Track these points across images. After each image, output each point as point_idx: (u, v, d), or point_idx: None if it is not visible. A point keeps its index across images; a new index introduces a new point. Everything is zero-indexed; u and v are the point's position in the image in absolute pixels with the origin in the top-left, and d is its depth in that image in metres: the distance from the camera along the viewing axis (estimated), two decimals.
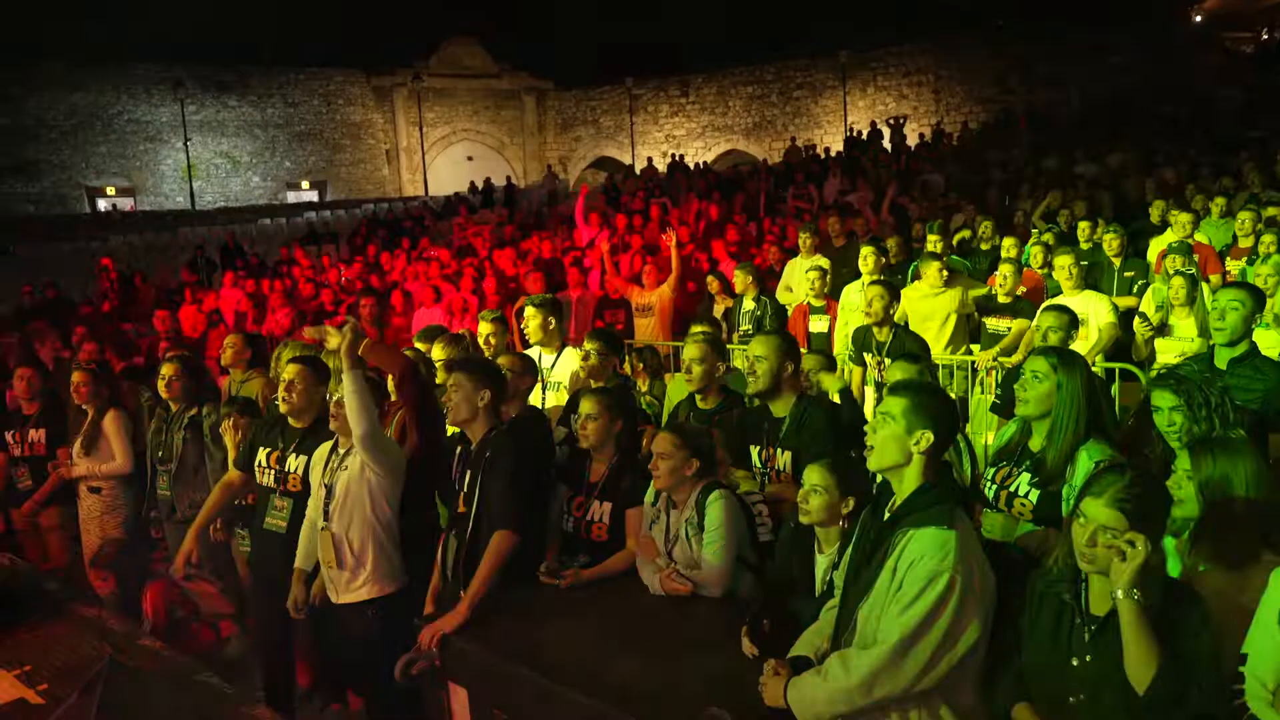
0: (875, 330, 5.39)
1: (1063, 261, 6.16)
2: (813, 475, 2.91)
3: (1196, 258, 7.01)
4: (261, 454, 4.18)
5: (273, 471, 4.11)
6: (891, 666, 2.20)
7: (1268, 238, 6.79)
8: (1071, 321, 4.28)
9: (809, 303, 7.15)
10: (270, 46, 32.14)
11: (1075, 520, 2.21)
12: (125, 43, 30.40)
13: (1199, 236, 7.76)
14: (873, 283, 5.58)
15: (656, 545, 3.38)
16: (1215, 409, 2.96)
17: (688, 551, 3.28)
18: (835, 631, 2.49)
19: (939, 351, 6.18)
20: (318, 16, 35.95)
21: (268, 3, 36.15)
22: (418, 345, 4.92)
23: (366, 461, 3.63)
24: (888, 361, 5.34)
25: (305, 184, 31.90)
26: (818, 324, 7.10)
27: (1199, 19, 28.46)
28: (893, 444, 2.36)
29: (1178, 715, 2.04)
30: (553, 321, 4.98)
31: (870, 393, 5.47)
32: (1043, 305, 6.24)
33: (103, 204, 29.40)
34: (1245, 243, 7.28)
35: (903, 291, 6.41)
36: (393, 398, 4.29)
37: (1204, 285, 6.04)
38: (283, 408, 4.06)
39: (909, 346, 5.30)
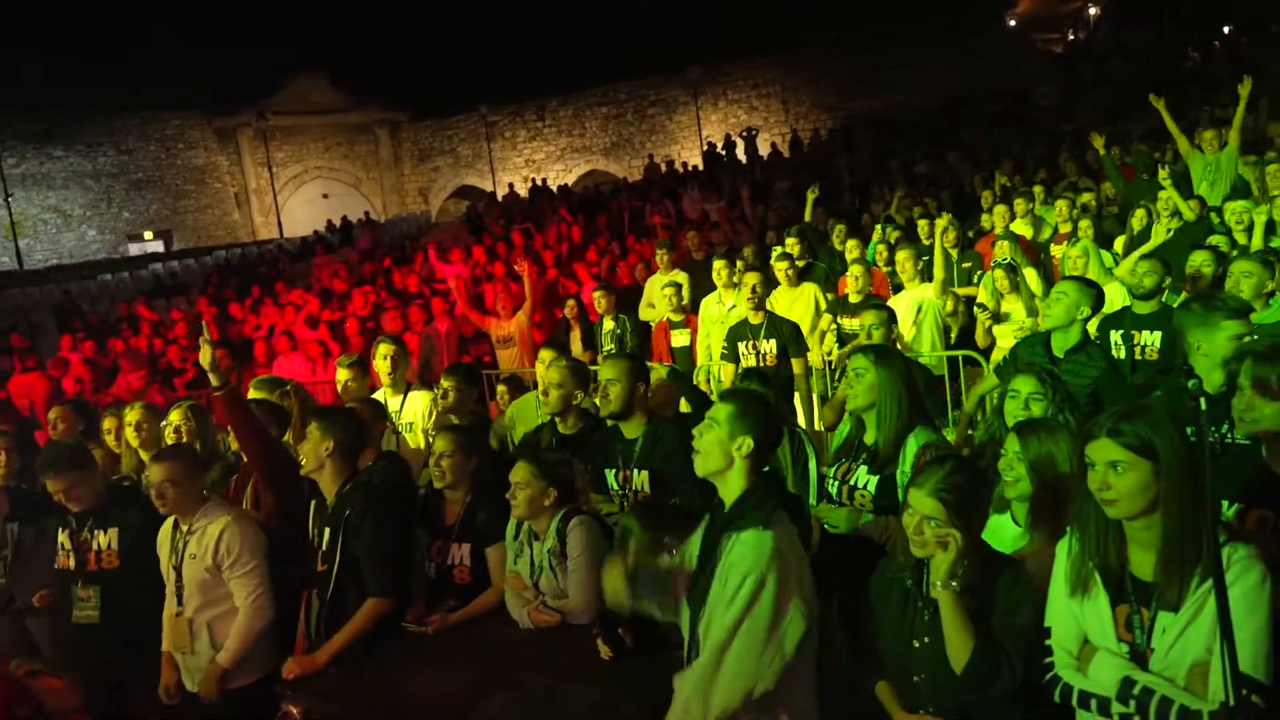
0: (751, 316, 5.58)
1: (903, 256, 6.50)
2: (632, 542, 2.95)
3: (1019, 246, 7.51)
4: (62, 535, 3.85)
5: (73, 553, 3.78)
6: (713, 672, 2.23)
7: (1084, 222, 7.35)
8: (890, 317, 4.55)
9: (669, 318, 7.27)
10: (98, 91, 30.23)
11: (904, 510, 2.34)
12: None
13: (1017, 227, 8.30)
14: (748, 268, 5.78)
15: (523, 579, 3.34)
16: (1065, 401, 3.17)
17: (553, 581, 3.25)
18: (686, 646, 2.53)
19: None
20: (148, 58, 34.16)
21: (92, 47, 34.14)
22: (253, 394, 4.71)
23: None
24: (765, 345, 5.59)
25: (148, 234, 30.15)
26: (679, 338, 7.24)
27: (1013, 23, 30.66)
28: (717, 448, 2.42)
29: (992, 692, 2.17)
30: (402, 361, 4.87)
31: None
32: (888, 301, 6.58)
33: None
34: (1065, 228, 7.84)
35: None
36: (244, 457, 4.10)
37: (1027, 271, 6.49)
38: (73, 507, 3.79)
39: (781, 327, 5.57)
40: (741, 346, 5.72)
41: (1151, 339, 4.64)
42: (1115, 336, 4.75)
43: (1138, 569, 2.03)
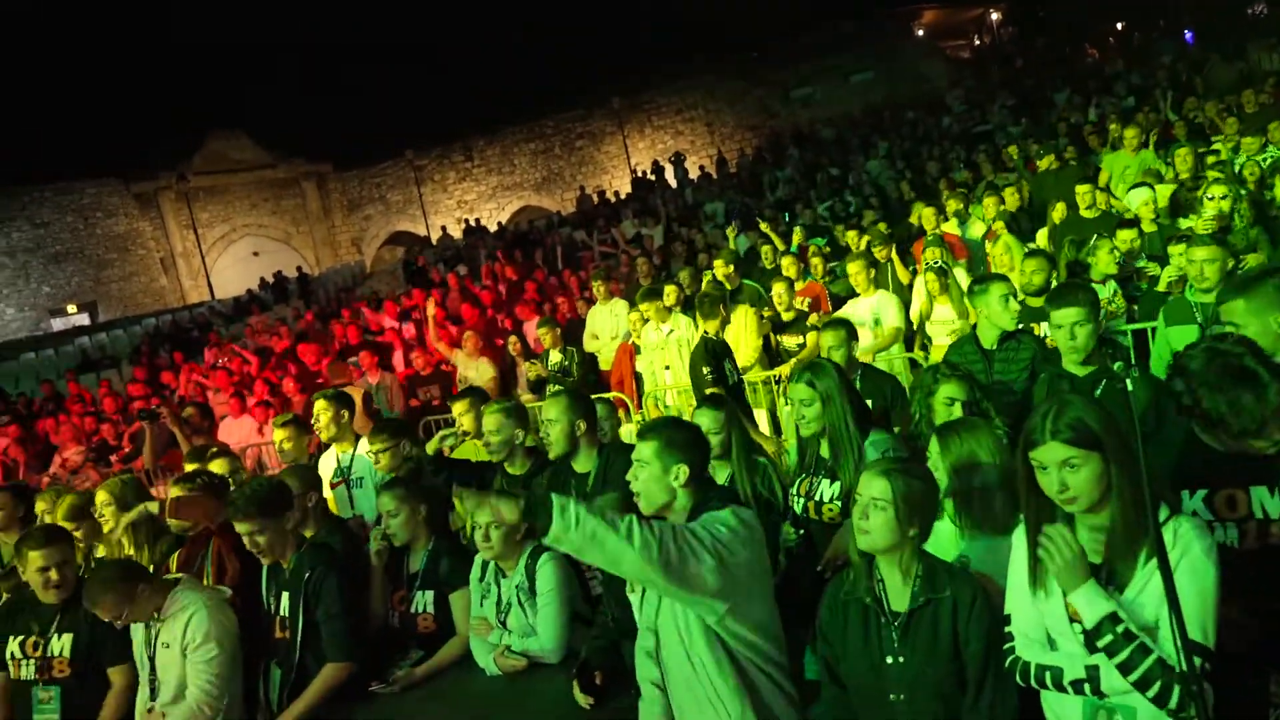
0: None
1: (855, 267, 6.63)
2: None
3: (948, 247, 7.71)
4: (13, 644, 3.65)
5: (33, 661, 3.60)
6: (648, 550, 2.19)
7: (998, 224, 7.61)
8: (850, 334, 4.57)
9: (635, 342, 7.27)
10: (5, 165, 29.28)
11: (855, 506, 2.32)
12: None
13: (947, 228, 8.53)
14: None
15: (489, 623, 3.29)
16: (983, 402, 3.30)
17: (522, 618, 3.22)
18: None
19: (741, 364, 6.48)
20: (58, 127, 33.33)
21: None
22: (188, 466, 4.58)
23: None
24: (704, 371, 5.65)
25: (72, 308, 29.21)
26: (642, 363, 7.24)
27: (920, 33, 31.65)
28: (655, 485, 2.46)
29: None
30: (345, 415, 4.75)
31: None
32: (832, 314, 6.70)
33: None
34: (996, 227, 8.08)
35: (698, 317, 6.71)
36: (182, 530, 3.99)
37: (958, 270, 6.66)
38: (50, 596, 3.59)
39: (715, 348, 5.66)
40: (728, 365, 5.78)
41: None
42: (1039, 325, 4.92)
43: (1086, 553, 2.06)
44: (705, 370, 5.61)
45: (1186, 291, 4.29)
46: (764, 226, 9.85)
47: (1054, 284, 5.01)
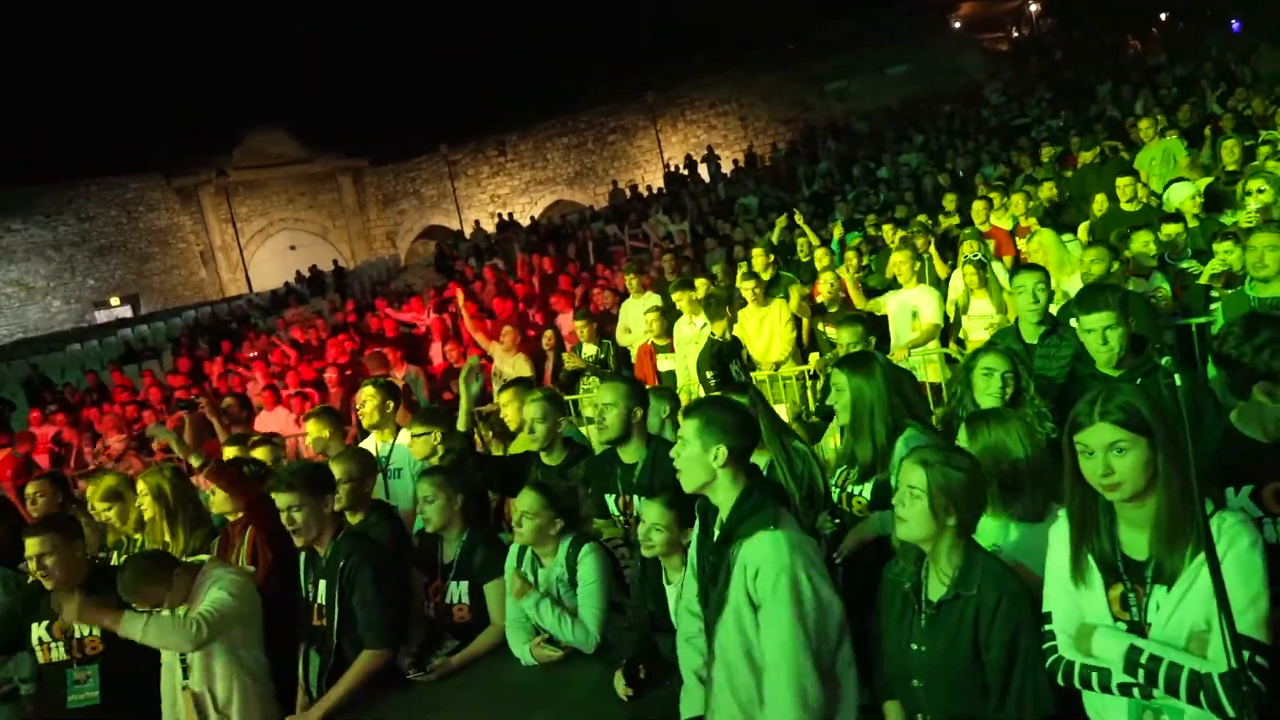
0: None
1: (899, 258, 6.60)
2: (650, 513, 2.92)
3: (991, 242, 7.62)
4: (39, 629, 3.68)
5: (60, 643, 3.63)
6: (799, 679, 2.20)
7: (1030, 220, 7.51)
8: (867, 332, 4.57)
9: (653, 342, 7.27)
10: (52, 161, 29.92)
11: (895, 494, 2.32)
12: None
13: (996, 220, 8.43)
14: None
15: (526, 578, 3.31)
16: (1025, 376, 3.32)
17: (562, 605, 3.25)
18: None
19: (774, 358, 6.47)
20: (102, 124, 34.01)
21: (43, 116, 33.97)
22: (228, 453, 4.65)
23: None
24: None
25: (115, 300, 29.83)
26: (665, 363, 7.24)
27: (957, 25, 31.23)
28: (695, 464, 2.42)
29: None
30: (390, 405, 4.78)
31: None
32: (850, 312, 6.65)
33: None
34: (1026, 222, 7.99)
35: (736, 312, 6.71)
36: (229, 517, 4.05)
37: (996, 265, 6.58)
38: (47, 584, 3.56)
39: (721, 350, 5.66)
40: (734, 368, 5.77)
41: None
42: (1074, 323, 4.85)
43: (1130, 548, 2.04)
44: (709, 375, 5.62)
45: (1246, 286, 4.22)
46: (798, 218, 9.81)
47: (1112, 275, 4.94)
